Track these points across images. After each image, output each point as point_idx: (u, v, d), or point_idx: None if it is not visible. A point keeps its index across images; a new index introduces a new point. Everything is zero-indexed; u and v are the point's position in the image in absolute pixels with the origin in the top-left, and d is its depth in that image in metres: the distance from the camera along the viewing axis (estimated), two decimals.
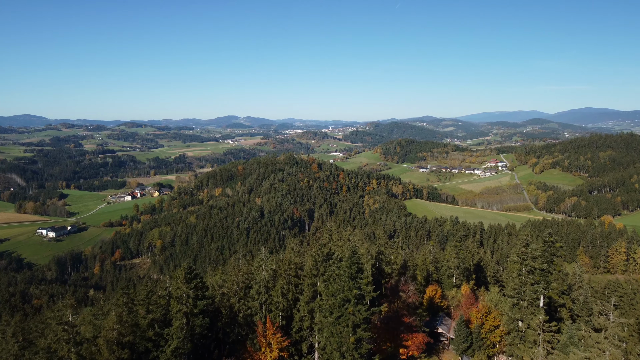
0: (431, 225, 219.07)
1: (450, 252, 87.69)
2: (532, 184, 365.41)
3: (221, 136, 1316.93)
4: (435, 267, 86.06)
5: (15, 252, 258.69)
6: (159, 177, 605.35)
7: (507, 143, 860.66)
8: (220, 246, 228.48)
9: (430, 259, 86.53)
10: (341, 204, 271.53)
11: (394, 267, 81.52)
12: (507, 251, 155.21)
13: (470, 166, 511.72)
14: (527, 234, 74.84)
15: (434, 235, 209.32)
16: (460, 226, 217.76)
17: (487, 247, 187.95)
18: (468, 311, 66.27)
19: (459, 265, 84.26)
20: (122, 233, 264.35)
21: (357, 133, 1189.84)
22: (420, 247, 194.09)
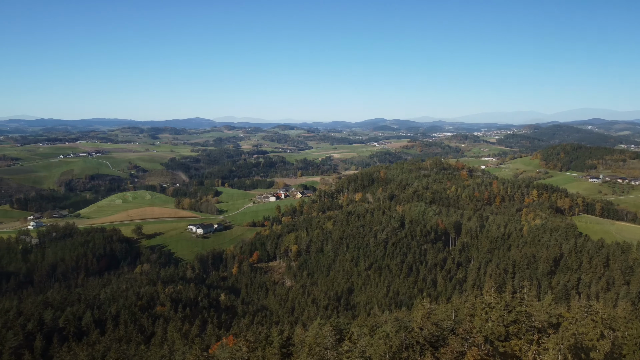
0: (610, 251, 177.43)
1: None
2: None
3: (368, 139, 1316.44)
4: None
5: (167, 246, 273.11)
6: (304, 178, 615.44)
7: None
8: (355, 257, 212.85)
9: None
10: (494, 218, 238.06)
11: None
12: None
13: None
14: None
15: (614, 265, 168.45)
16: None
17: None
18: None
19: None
20: (261, 235, 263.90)
21: (513, 136, 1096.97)
22: (603, 284, 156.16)
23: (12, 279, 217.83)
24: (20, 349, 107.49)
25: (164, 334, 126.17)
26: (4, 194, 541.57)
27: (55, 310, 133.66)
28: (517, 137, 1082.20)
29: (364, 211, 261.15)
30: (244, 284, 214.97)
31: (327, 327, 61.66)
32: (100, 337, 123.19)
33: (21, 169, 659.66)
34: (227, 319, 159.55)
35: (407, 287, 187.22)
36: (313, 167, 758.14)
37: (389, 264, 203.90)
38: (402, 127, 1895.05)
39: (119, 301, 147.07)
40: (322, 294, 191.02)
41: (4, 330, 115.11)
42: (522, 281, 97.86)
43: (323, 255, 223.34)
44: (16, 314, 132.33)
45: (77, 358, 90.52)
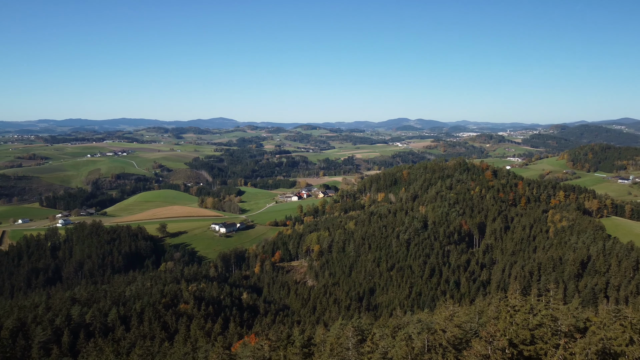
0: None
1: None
2: None
3: (390, 139, 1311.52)
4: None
5: (190, 245, 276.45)
6: (326, 178, 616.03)
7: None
8: (377, 257, 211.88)
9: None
10: (519, 219, 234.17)
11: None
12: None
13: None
14: None
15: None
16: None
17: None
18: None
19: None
20: (283, 234, 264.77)
21: (539, 136, 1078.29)
22: (633, 288, 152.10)
23: (42, 275, 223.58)
24: (49, 343, 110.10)
25: (187, 331, 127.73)
26: (34, 192, 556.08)
27: (82, 307, 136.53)
28: (543, 137, 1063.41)
29: (387, 211, 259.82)
30: (266, 283, 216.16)
31: (348, 327, 61.47)
32: (125, 334, 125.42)
33: (50, 167, 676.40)
34: (249, 317, 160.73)
35: (430, 289, 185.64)
36: (335, 167, 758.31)
37: (412, 265, 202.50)
38: (426, 127, 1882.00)
39: (144, 298, 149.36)
40: (343, 294, 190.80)
41: (33, 325, 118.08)
42: (548, 284, 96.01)
43: (345, 255, 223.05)
44: (45, 309, 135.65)
45: (103, 354, 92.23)
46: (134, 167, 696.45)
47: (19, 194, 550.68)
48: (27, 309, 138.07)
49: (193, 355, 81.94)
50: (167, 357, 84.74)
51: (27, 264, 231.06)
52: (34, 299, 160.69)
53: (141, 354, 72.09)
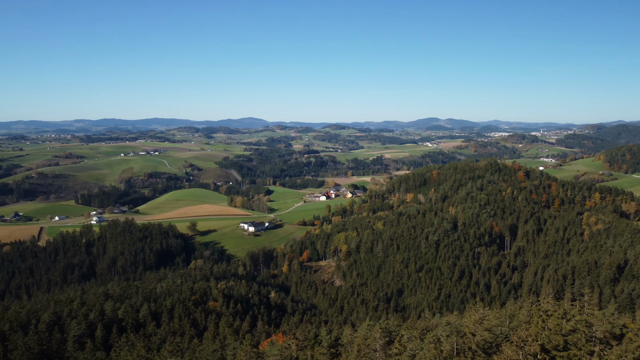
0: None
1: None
2: None
3: (420, 138, 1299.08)
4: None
5: (220, 243, 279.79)
6: (355, 178, 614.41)
7: None
8: (405, 258, 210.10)
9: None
10: (552, 221, 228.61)
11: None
12: None
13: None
14: None
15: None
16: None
17: None
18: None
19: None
20: (311, 234, 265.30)
21: (574, 137, 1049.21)
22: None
23: (77, 271, 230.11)
24: (83, 337, 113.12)
25: (215, 328, 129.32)
26: (70, 190, 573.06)
27: (115, 302, 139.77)
28: (578, 137, 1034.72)
29: (416, 212, 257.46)
30: (293, 282, 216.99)
31: (376, 328, 61.14)
32: (156, 329, 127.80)
33: (85, 166, 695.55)
34: (276, 316, 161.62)
35: (459, 291, 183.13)
36: (364, 167, 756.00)
37: (441, 266, 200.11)
38: (456, 126, 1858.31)
39: (174, 295, 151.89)
40: (371, 295, 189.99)
41: (69, 319, 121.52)
42: (582, 288, 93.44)
43: (373, 256, 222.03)
44: (80, 304, 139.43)
45: (135, 349, 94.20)
46: (165, 166, 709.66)
47: (56, 191, 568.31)
48: (63, 304, 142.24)
49: (221, 352, 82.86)
50: (196, 354, 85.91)
51: (63, 260, 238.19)
52: (69, 294, 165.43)
53: (171, 350, 73.35)
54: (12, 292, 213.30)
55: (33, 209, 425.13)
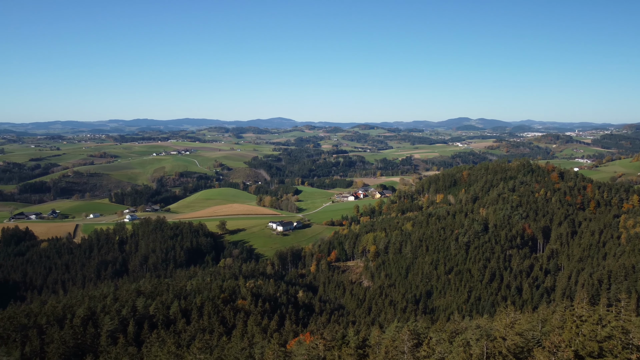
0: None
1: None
2: None
3: (450, 138, 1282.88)
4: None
5: (249, 242, 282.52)
6: (384, 178, 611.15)
7: None
8: (434, 259, 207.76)
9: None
10: (587, 224, 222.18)
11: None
12: None
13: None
14: None
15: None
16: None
17: None
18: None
19: None
20: (339, 234, 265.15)
21: (611, 137, 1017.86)
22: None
23: (110, 267, 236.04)
24: (116, 332, 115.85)
25: (244, 327, 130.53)
26: (104, 189, 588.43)
27: (146, 299, 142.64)
28: (615, 137, 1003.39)
29: (445, 213, 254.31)
30: (321, 282, 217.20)
31: (404, 330, 60.61)
32: (186, 326, 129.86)
33: (119, 165, 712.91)
34: (304, 316, 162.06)
35: (490, 294, 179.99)
36: (393, 167, 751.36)
37: (471, 269, 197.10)
38: (488, 126, 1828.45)
39: (204, 293, 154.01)
40: (399, 296, 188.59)
41: (102, 315, 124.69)
42: (619, 293, 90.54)
43: (401, 257, 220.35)
44: (113, 299, 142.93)
45: (165, 345, 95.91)
46: (196, 166, 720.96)
47: (91, 190, 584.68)
48: (97, 299, 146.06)
49: (250, 350, 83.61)
50: (225, 352, 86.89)
51: (97, 257, 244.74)
52: (103, 290, 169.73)
53: (200, 347, 74.31)
54: (49, 287, 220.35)
55: (69, 207, 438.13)
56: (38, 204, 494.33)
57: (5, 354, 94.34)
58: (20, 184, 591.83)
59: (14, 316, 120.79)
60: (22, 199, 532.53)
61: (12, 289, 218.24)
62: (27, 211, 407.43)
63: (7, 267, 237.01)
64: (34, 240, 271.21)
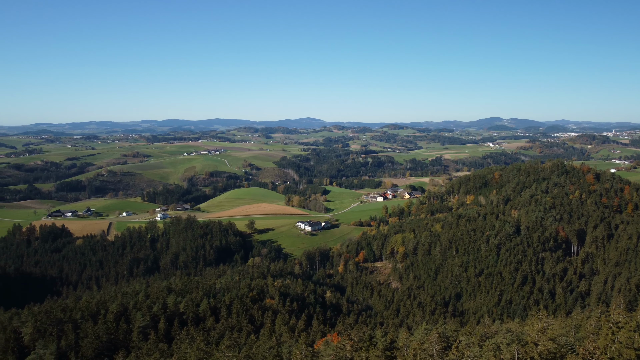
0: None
1: None
2: None
3: (481, 139, 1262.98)
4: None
5: (277, 241, 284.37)
6: (413, 178, 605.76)
7: None
8: (464, 262, 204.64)
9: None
10: (625, 227, 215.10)
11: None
12: None
13: None
14: None
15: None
16: None
17: None
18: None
19: None
20: (367, 234, 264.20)
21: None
22: None
23: (142, 265, 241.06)
24: (147, 329, 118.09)
25: (272, 325, 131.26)
26: (137, 187, 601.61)
27: (176, 296, 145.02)
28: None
29: (476, 214, 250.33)
30: (349, 282, 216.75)
31: (433, 333, 59.91)
32: (215, 324, 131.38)
33: (151, 165, 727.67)
34: (332, 316, 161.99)
35: (521, 297, 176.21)
36: (422, 168, 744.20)
37: (502, 271, 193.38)
38: (520, 126, 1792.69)
39: (232, 291, 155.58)
40: (428, 298, 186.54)
41: (134, 311, 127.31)
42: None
43: (431, 259, 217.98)
44: (144, 296, 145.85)
45: (195, 342, 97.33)
46: (225, 166, 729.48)
47: (124, 188, 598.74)
48: (129, 296, 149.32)
49: (277, 349, 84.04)
50: (252, 350, 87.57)
51: (130, 254, 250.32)
52: (135, 287, 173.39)
53: (229, 345, 75.08)
54: (84, 283, 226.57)
55: (103, 205, 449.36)
56: (74, 202, 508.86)
57: (42, 347, 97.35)
58: (57, 182, 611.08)
59: (51, 311, 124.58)
60: (59, 197, 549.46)
61: (49, 284, 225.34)
62: (63, 209, 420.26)
63: (45, 263, 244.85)
64: (70, 237, 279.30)
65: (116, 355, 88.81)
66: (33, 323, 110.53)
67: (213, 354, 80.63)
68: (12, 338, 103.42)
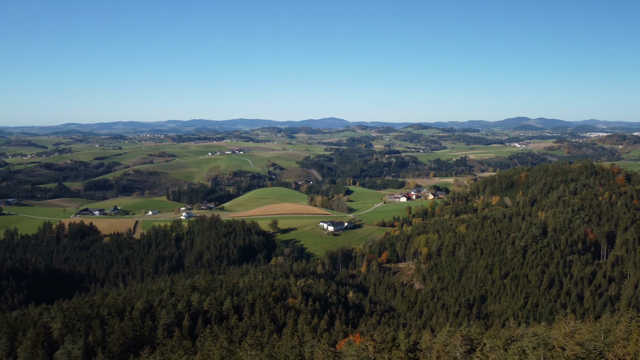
0: None
1: None
2: None
3: (507, 139, 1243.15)
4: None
5: (299, 241, 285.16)
6: (437, 179, 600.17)
7: None
8: (489, 263, 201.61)
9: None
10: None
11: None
12: None
13: None
14: None
15: None
16: None
17: None
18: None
19: None
20: (391, 235, 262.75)
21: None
22: None
23: (167, 263, 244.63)
24: (172, 326, 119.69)
25: (294, 325, 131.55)
26: (162, 186, 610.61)
27: (200, 294, 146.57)
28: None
29: (501, 216, 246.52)
30: (372, 283, 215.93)
31: (457, 335, 59.20)
32: (238, 323, 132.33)
33: (176, 164, 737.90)
34: (354, 316, 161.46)
35: (548, 300, 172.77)
36: (446, 168, 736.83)
37: (528, 274, 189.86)
38: (547, 126, 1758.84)
39: (255, 290, 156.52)
40: (452, 300, 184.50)
41: (159, 308, 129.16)
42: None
43: (455, 260, 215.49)
44: (169, 294, 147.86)
45: (218, 340, 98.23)
46: (249, 165, 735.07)
47: (150, 187, 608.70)
48: (154, 293, 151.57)
49: (300, 349, 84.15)
50: (275, 349, 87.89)
51: (155, 252, 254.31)
52: (160, 284, 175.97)
53: (252, 344, 75.56)
54: (111, 280, 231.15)
55: (129, 204, 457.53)
56: (101, 200, 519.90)
57: (71, 342, 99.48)
58: (86, 181, 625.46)
59: (79, 307, 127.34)
60: (87, 195, 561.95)
61: (77, 280, 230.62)
62: (91, 207, 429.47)
63: (73, 260, 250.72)
64: (98, 235, 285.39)
65: (141, 351, 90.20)
66: (62, 318, 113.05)
67: (236, 352, 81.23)
68: (42, 333, 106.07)
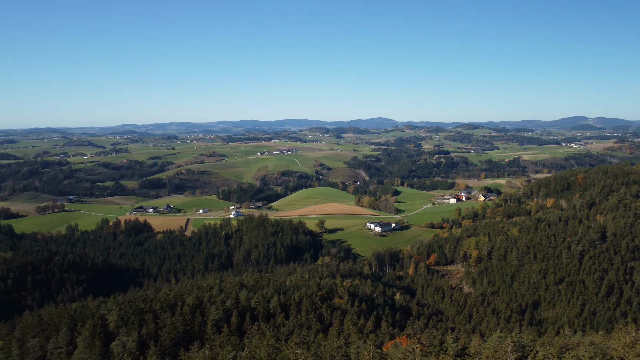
0: None
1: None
2: None
3: (564, 139, 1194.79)
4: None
5: (346, 241, 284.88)
6: (488, 180, 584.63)
7: None
8: (543, 268, 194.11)
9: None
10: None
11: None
12: None
13: None
14: None
15: None
16: None
17: None
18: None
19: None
20: (439, 237, 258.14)
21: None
22: None
23: (216, 260, 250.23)
24: (220, 322, 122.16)
25: (340, 325, 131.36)
26: (213, 186, 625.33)
27: (248, 292, 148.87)
28: None
29: (557, 219, 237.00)
30: (419, 285, 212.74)
31: (508, 341, 57.27)
32: (285, 321, 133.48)
33: (226, 164, 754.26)
34: (401, 318, 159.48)
35: (607, 308, 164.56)
36: (498, 169, 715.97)
37: (585, 280, 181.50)
38: (607, 125, 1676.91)
39: (302, 289, 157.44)
40: (503, 305, 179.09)
41: (209, 305, 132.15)
42: None
43: (506, 264, 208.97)
44: (218, 291, 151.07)
45: (265, 337, 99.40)
46: (297, 165, 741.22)
47: (201, 186, 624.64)
48: (204, 289, 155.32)
49: (345, 349, 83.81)
50: (321, 348, 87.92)
51: (205, 249, 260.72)
52: (210, 281, 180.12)
53: (298, 342, 76.02)
54: (163, 276, 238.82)
55: (181, 202, 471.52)
56: (155, 198, 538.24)
57: (125, 334, 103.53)
58: (141, 180, 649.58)
59: (133, 300, 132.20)
60: (141, 193, 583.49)
61: (132, 275, 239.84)
62: (145, 205, 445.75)
63: (128, 256, 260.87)
64: (151, 232, 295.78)
65: (191, 345, 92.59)
66: (117, 311, 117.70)
67: (282, 350, 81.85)
68: (99, 324, 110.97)
